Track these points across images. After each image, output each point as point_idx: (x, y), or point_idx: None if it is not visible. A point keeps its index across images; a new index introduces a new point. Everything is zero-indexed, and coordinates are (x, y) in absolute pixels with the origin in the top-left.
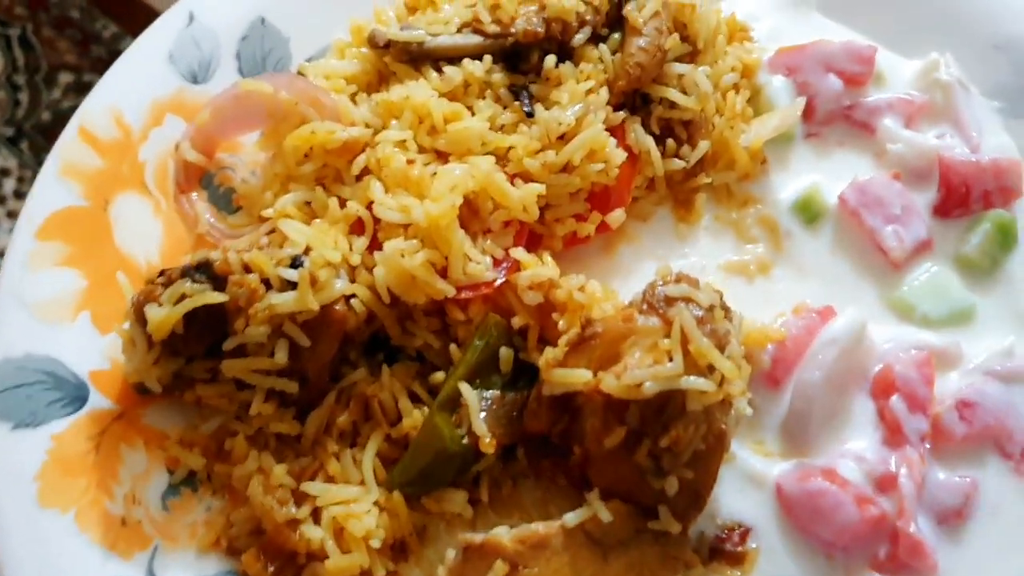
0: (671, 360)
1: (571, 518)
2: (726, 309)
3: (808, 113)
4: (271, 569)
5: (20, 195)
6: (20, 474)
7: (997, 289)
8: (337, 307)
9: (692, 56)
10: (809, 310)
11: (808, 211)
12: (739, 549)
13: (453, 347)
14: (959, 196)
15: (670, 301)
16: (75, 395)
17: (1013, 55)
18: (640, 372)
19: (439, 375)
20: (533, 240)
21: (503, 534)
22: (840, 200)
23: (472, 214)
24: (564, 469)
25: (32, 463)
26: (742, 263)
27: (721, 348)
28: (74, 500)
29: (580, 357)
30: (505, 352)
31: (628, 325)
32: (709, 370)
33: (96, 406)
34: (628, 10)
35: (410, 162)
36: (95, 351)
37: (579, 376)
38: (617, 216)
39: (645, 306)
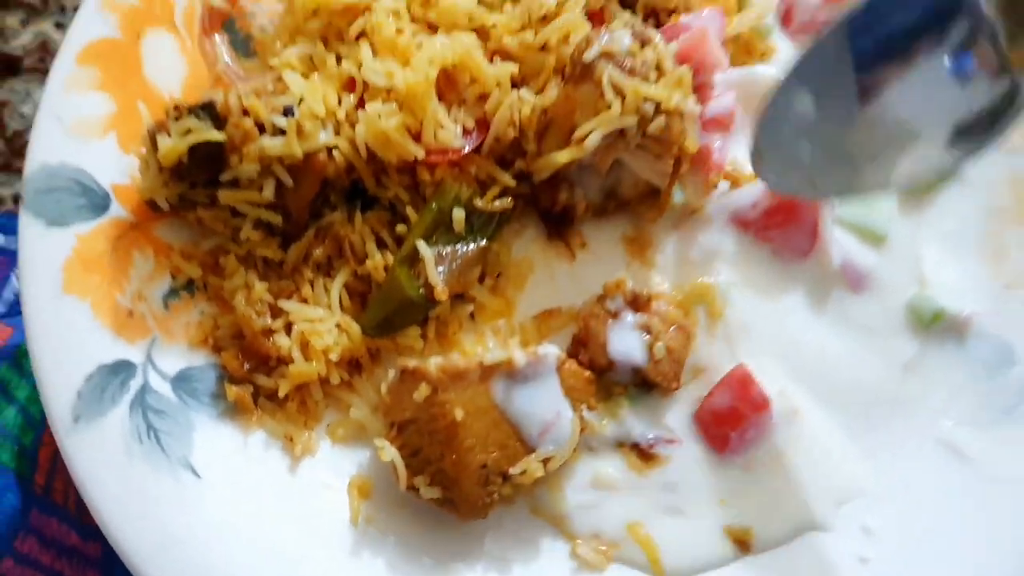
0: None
1: (489, 358)
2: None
3: (786, 19)
4: (247, 367)
5: (61, 26)
6: (49, 264)
7: None
8: (319, 156)
9: None
10: None
11: None
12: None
13: (410, 209)
14: None
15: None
16: (99, 203)
17: None
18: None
19: (403, 227)
20: None
21: (433, 363)
22: None
23: (450, 85)
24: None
25: (59, 256)
26: None
27: (645, 78)
28: (91, 291)
29: (549, 143)
30: (457, 213)
31: (569, 100)
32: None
33: (115, 215)
34: None
35: (399, 31)
36: (118, 168)
37: (555, 158)
38: None
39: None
